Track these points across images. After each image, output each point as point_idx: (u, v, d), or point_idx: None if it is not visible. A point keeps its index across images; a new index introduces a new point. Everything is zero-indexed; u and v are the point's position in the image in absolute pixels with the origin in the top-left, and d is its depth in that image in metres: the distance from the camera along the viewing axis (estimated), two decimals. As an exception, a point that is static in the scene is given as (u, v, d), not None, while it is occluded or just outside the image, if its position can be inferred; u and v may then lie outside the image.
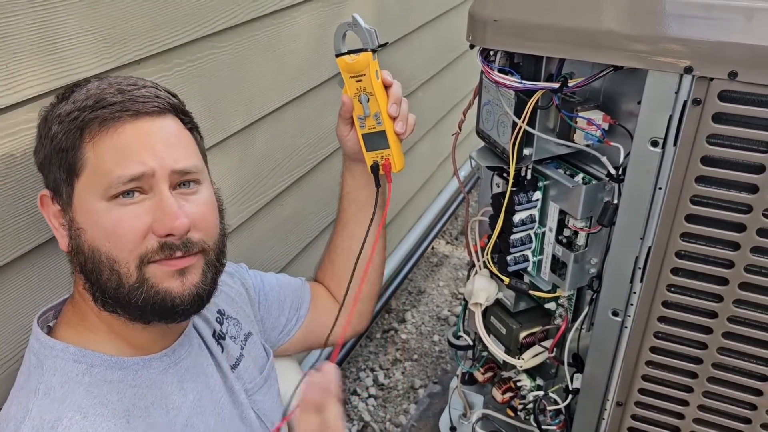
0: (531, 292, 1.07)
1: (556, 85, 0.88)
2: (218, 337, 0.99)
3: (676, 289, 0.92)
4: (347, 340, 1.46)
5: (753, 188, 0.82)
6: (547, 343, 1.13)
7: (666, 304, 0.93)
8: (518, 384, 1.20)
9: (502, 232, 1.02)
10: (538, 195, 1.01)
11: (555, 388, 1.16)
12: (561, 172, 0.99)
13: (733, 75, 0.77)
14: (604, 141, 0.89)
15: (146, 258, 0.78)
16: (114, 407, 0.80)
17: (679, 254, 0.89)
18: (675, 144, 0.84)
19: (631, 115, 0.90)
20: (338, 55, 0.98)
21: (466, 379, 1.32)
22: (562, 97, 0.90)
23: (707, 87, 0.79)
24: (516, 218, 1.01)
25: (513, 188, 0.99)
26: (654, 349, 0.97)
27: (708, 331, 0.92)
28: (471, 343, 1.25)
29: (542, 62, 0.92)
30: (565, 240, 1.02)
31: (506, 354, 1.14)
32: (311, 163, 1.67)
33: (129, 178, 0.76)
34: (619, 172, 0.91)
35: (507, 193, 0.98)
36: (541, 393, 1.17)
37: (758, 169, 0.80)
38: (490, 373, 1.26)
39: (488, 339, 1.16)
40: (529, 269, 1.07)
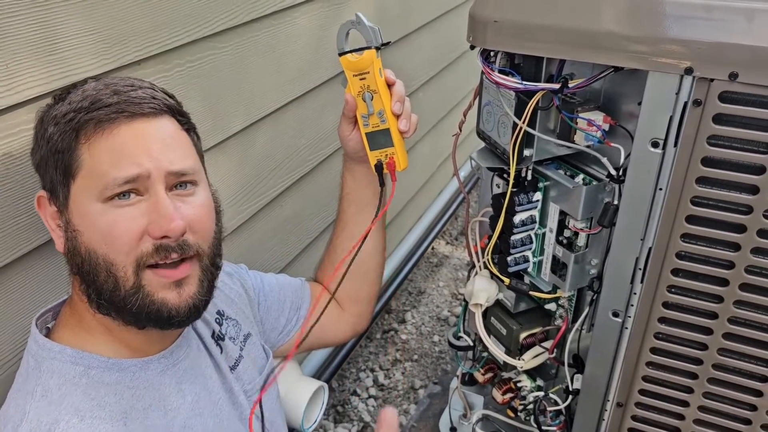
0: (531, 292, 1.07)
1: (556, 86, 0.88)
2: (217, 338, 0.99)
3: (676, 290, 0.92)
4: (347, 341, 1.46)
5: (753, 189, 0.82)
6: (547, 344, 1.13)
7: (666, 305, 0.93)
8: (518, 385, 1.20)
9: (503, 232, 1.02)
10: (538, 196, 1.01)
11: (555, 389, 1.16)
12: (561, 172, 0.99)
13: (733, 76, 0.77)
14: (604, 142, 0.89)
15: (142, 261, 0.77)
16: (112, 409, 0.80)
17: (680, 255, 0.89)
18: (675, 145, 0.84)
19: (632, 116, 0.90)
20: (341, 53, 0.99)
21: (466, 380, 1.32)
22: (562, 98, 0.90)
23: (708, 88, 0.79)
24: (516, 219, 1.01)
25: (513, 189, 0.99)
26: (654, 350, 0.97)
27: (708, 332, 0.92)
28: (471, 344, 1.25)
29: (543, 63, 0.92)
30: (565, 241, 1.02)
31: (506, 355, 1.14)
32: (311, 163, 1.67)
33: (124, 180, 0.76)
34: (619, 173, 0.91)
35: (507, 193, 0.98)
36: (541, 394, 1.17)
37: (759, 170, 0.80)
38: (491, 374, 1.25)
39: (488, 340, 1.16)
40: (530, 270, 1.07)
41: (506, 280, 1.05)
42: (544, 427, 1.15)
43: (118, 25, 1.01)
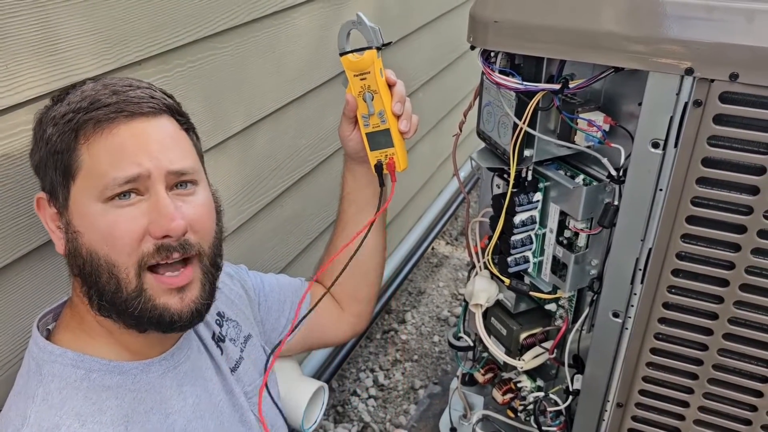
0: (531, 293, 1.07)
1: (557, 86, 0.88)
2: (218, 340, 0.99)
3: (676, 291, 0.92)
4: (347, 341, 1.46)
5: (754, 190, 0.82)
6: (547, 344, 1.13)
7: (666, 306, 0.93)
8: (519, 385, 1.20)
9: (503, 233, 1.02)
10: (538, 196, 1.01)
11: (555, 389, 1.16)
12: (562, 173, 0.99)
13: (734, 76, 0.77)
14: (604, 142, 0.89)
15: (144, 262, 0.77)
16: (113, 413, 0.79)
17: (680, 255, 0.89)
18: (676, 145, 0.83)
19: (632, 117, 0.90)
20: (342, 53, 0.98)
21: (466, 380, 1.32)
22: (562, 99, 0.90)
23: (708, 88, 0.79)
24: (516, 219, 1.01)
25: (513, 189, 0.99)
26: (654, 351, 0.97)
27: (708, 332, 0.92)
28: (471, 344, 1.25)
29: (543, 63, 0.92)
30: (565, 241, 1.02)
31: (507, 355, 1.14)
32: (312, 163, 1.67)
33: (124, 180, 0.75)
34: (619, 174, 0.91)
35: (507, 194, 0.98)
36: (541, 394, 1.17)
37: (759, 171, 0.80)
38: (491, 374, 1.25)
39: (489, 340, 1.16)
40: (530, 270, 1.07)
41: (506, 281, 1.05)
42: (544, 428, 1.15)
43: (119, 25, 1.01)
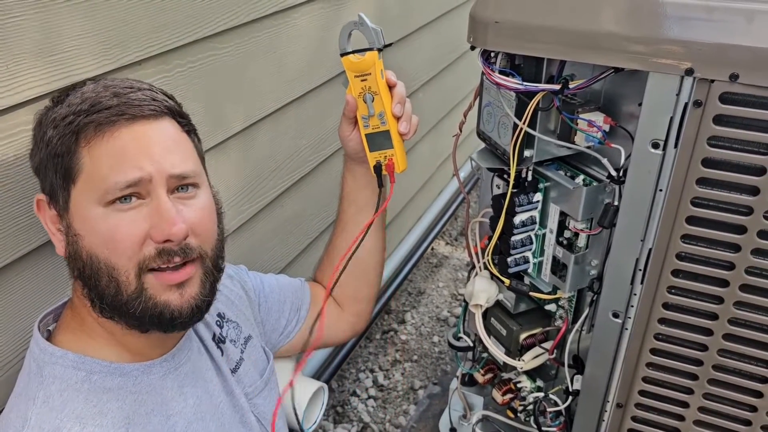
0: (531, 293, 1.07)
1: (557, 86, 0.88)
2: (218, 341, 0.99)
3: (676, 291, 0.92)
4: (347, 341, 1.46)
5: (754, 190, 0.82)
6: (547, 345, 1.13)
7: (666, 306, 0.93)
8: (518, 385, 1.20)
9: (503, 233, 1.02)
10: (538, 196, 1.01)
11: (555, 390, 1.16)
12: (562, 173, 0.99)
13: (734, 77, 0.77)
14: (604, 143, 0.89)
15: (144, 265, 0.77)
16: (114, 416, 0.79)
17: (680, 256, 0.89)
18: (676, 146, 0.84)
19: (632, 117, 0.90)
20: (343, 54, 0.98)
21: (466, 381, 1.32)
22: (563, 99, 0.90)
23: (708, 89, 0.79)
24: (516, 220, 1.01)
25: (513, 190, 0.99)
26: (654, 351, 0.97)
27: (708, 332, 0.92)
28: (471, 345, 1.25)
29: (543, 64, 0.92)
30: (565, 241, 1.02)
31: (506, 355, 1.14)
32: (312, 164, 1.67)
33: (126, 184, 0.75)
34: (619, 174, 0.91)
35: (507, 194, 0.98)
36: (541, 394, 1.17)
37: (759, 171, 0.80)
38: (490, 375, 1.26)
39: (488, 340, 1.16)
40: (530, 271, 1.07)
41: (506, 281, 1.05)
42: (544, 428, 1.15)
43: (119, 25, 1.01)
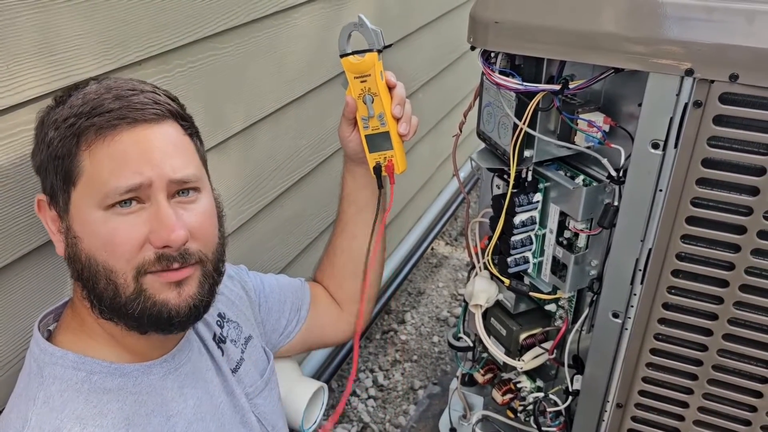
0: (531, 293, 1.07)
1: (557, 87, 0.88)
2: (219, 341, 0.99)
3: (676, 291, 0.92)
4: (347, 341, 1.47)
5: (754, 191, 0.82)
6: (547, 345, 1.13)
7: (666, 306, 0.93)
8: (518, 385, 1.20)
9: (503, 233, 1.02)
10: (538, 197, 1.01)
11: (555, 390, 1.16)
12: (561, 173, 0.99)
13: (734, 77, 0.77)
14: (604, 143, 0.89)
15: (143, 269, 0.77)
16: (114, 417, 0.79)
17: (680, 256, 0.89)
18: (676, 146, 0.84)
19: (632, 117, 0.90)
20: (343, 55, 0.98)
21: (466, 381, 1.32)
22: (563, 99, 0.90)
23: (708, 89, 0.79)
24: (516, 220, 1.01)
25: (513, 190, 0.99)
26: (654, 351, 0.97)
27: (708, 333, 0.92)
28: (471, 345, 1.25)
29: (543, 64, 0.92)
30: (565, 242, 1.02)
31: (506, 355, 1.14)
32: (312, 164, 1.67)
33: (126, 189, 0.75)
34: (619, 174, 0.91)
35: (507, 194, 0.98)
36: (541, 394, 1.17)
37: (759, 172, 0.80)
38: (490, 375, 1.26)
39: (488, 340, 1.16)
40: (530, 271, 1.07)
41: (506, 281, 1.05)
42: (543, 428, 1.15)
43: (119, 25, 1.01)
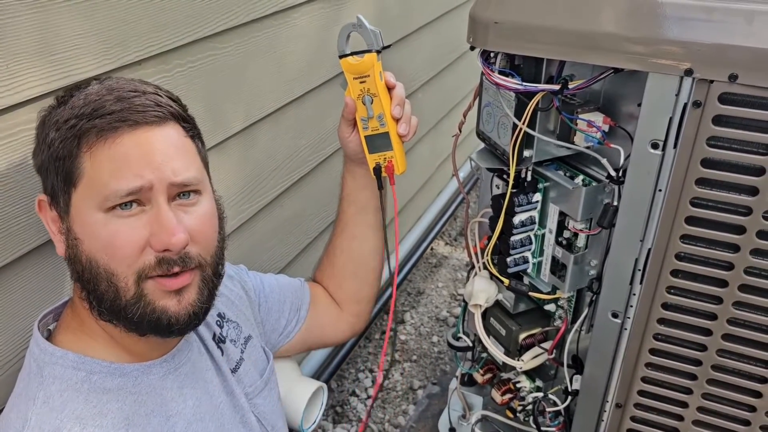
0: (531, 293, 1.07)
1: (556, 87, 0.88)
2: (218, 341, 0.99)
3: (675, 291, 0.92)
4: (346, 341, 1.47)
5: (753, 191, 0.82)
6: (546, 345, 1.13)
7: (666, 306, 0.93)
8: (518, 385, 1.20)
9: (502, 233, 1.02)
10: (538, 197, 1.01)
11: (554, 390, 1.16)
12: (561, 173, 0.99)
13: (733, 77, 0.77)
14: (604, 143, 0.90)
15: (144, 274, 0.77)
16: (114, 417, 0.79)
17: (679, 256, 0.89)
18: (675, 146, 0.84)
19: (632, 117, 0.90)
20: (342, 56, 0.98)
21: (465, 380, 1.32)
22: (562, 99, 0.90)
23: (707, 89, 0.79)
24: (516, 220, 1.01)
25: (513, 190, 0.99)
26: (653, 351, 0.97)
27: (707, 333, 0.92)
28: (470, 345, 1.25)
29: (543, 64, 0.92)
30: (565, 242, 1.02)
31: (506, 355, 1.14)
32: (311, 164, 1.67)
33: (126, 192, 0.75)
34: (619, 174, 0.91)
35: (507, 194, 0.98)
36: (540, 394, 1.17)
37: (758, 172, 0.81)
38: (490, 375, 1.26)
39: (488, 340, 1.16)
40: (529, 271, 1.07)
41: (506, 281, 1.05)
42: (543, 428, 1.15)
43: (119, 25, 1.01)
